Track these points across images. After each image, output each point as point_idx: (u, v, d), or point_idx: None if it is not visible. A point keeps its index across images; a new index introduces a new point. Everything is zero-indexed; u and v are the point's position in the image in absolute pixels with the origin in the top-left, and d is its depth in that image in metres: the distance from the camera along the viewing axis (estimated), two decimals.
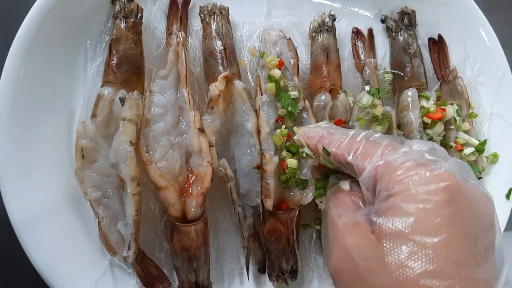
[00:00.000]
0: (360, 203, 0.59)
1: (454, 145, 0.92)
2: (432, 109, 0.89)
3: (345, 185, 0.63)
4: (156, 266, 0.84)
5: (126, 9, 0.83)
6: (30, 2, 0.79)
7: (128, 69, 0.80)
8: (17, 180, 0.77)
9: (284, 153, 0.81)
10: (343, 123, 0.88)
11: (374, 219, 0.52)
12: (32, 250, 0.76)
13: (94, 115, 0.78)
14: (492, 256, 0.49)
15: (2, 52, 0.78)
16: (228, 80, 0.83)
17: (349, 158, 0.58)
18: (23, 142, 0.78)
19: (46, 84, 0.82)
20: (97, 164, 0.78)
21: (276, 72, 0.83)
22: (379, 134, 0.61)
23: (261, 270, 0.90)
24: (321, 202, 0.70)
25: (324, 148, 0.62)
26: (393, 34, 0.99)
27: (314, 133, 0.67)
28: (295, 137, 0.72)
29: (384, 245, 0.48)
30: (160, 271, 0.85)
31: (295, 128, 0.78)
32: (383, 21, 1.00)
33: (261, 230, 0.87)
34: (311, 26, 0.95)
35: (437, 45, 1.01)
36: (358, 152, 0.58)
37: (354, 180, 0.62)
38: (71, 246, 0.80)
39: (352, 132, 0.62)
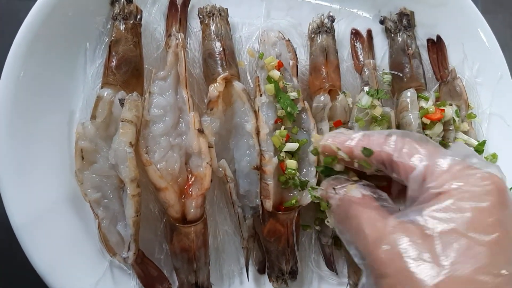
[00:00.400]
0: (383, 206, 0.57)
1: None
2: (431, 109, 0.89)
3: (356, 192, 0.60)
4: (156, 267, 0.84)
5: (126, 10, 0.83)
6: (30, 3, 0.79)
7: (127, 70, 0.80)
8: (17, 181, 0.77)
9: (283, 154, 0.81)
10: (342, 124, 0.88)
11: (419, 217, 0.50)
12: (32, 251, 0.76)
13: (93, 117, 0.78)
14: None
15: (1, 53, 0.78)
16: (228, 81, 0.83)
17: (395, 156, 0.57)
18: (23, 143, 0.79)
19: (45, 86, 0.82)
20: (97, 165, 0.78)
21: (276, 73, 0.84)
22: (417, 134, 0.60)
23: (261, 271, 0.90)
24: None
25: (365, 149, 0.61)
26: (392, 35, 0.99)
27: (346, 136, 0.64)
28: (321, 142, 0.67)
29: (436, 241, 0.47)
30: (160, 272, 0.85)
31: (315, 135, 0.74)
32: (382, 22, 1.01)
33: (261, 231, 0.87)
34: (310, 27, 0.95)
35: (436, 46, 1.01)
36: (404, 151, 0.56)
37: (362, 184, 0.61)
38: (71, 247, 0.80)
39: (388, 131, 0.60)
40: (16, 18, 0.82)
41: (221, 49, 0.86)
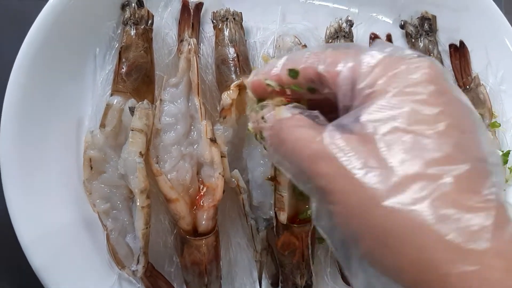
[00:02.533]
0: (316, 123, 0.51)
1: None
2: None
3: (285, 112, 0.54)
4: (166, 280, 0.82)
5: (137, 15, 0.81)
6: (42, 3, 0.78)
7: (138, 77, 0.78)
8: (23, 191, 0.76)
9: None
10: None
11: (355, 124, 0.45)
12: (38, 263, 0.74)
13: (102, 125, 0.76)
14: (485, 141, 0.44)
15: (10, 58, 0.77)
16: (241, 89, 0.80)
17: (320, 67, 0.52)
18: (30, 151, 0.77)
19: (53, 92, 0.80)
20: (106, 175, 0.77)
21: None
22: (344, 43, 0.56)
23: (274, 285, 0.88)
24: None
25: (290, 70, 0.55)
26: (413, 40, 0.96)
27: (271, 65, 0.58)
28: (248, 80, 0.61)
29: (379, 144, 0.42)
30: (170, 286, 0.83)
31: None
32: (402, 26, 0.98)
33: (275, 243, 0.84)
34: (328, 32, 0.92)
35: (459, 51, 0.97)
36: (328, 60, 0.51)
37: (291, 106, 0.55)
38: (79, 259, 0.79)
39: (314, 47, 0.57)
40: (27, 21, 0.80)
41: (235, 55, 0.83)
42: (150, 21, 0.83)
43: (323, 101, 0.55)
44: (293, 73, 0.55)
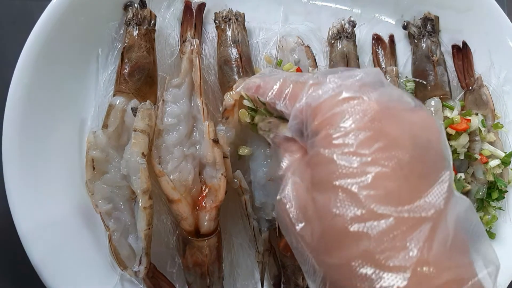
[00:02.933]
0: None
1: (479, 157, 0.88)
2: (456, 119, 0.85)
3: (286, 132, 0.57)
4: (168, 281, 0.82)
5: (139, 15, 0.81)
6: (45, 3, 0.78)
7: (140, 78, 0.78)
8: (26, 191, 0.75)
9: None
10: None
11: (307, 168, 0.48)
12: (41, 264, 0.74)
13: (105, 125, 0.75)
14: (437, 187, 0.42)
15: (13, 58, 0.76)
16: None
17: (278, 105, 0.54)
18: (32, 152, 0.77)
19: (56, 93, 0.80)
20: (108, 175, 0.76)
21: None
22: (317, 70, 0.57)
23: (276, 286, 0.87)
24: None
25: (259, 98, 0.59)
26: (416, 41, 0.95)
27: (252, 83, 0.63)
28: (237, 89, 0.69)
29: (314, 195, 0.45)
30: (172, 287, 0.82)
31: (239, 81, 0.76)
32: (405, 27, 0.97)
33: (277, 244, 0.83)
34: (330, 32, 0.92)
35: (462, 52, 0.97)
36: (287, 97, 0.54)
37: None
38: (81, 260, 0.78)
39: (284, 76, 0.57)
40: (30, 18, 0.80)
41: (238, 55, 0.83)
42: (152, 22, 0.82)
43: None
44: (261, 102, 0.60)
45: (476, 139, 0.89)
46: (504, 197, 0.90)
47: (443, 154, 0.45)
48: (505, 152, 0.90)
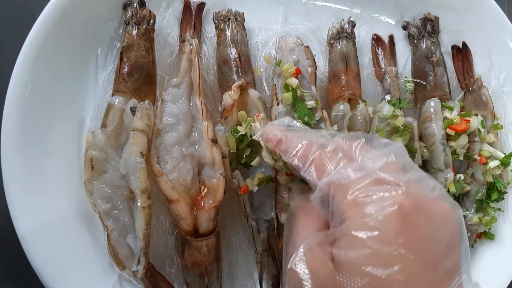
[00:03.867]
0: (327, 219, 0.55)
1: (478, 158, 0.88)
2: (456, 120, 0.85)
3: (304, 196, 0.58)
4: (166, 281, 0.82)
5: (138, 15, 0.81)
6: (44, 3, 0.78)
7: (139, 77, 0.78)
8: (24, 191, 0.75)
9: None
10: None
11: (332, 247, 0.48)
12: (39, 264, 0.74)
13: (104, 125, 0.75)
14: (455, 279, 0.46)
15: (13, 58, 0.76)
16: (243, 89, 0.81)
17: (303, 172, 0.54)
18: (31, 151, 0.77)
19: (55, 92, 0.80)
20: (107, 175, 0.76)
21: (293, 81, 0.80)
22: (339, 137, 0.56)
23: (274, 286, 0.87)
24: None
25: (281, 155, 0.59)
26: (415, 41, 0.95)
27: (273, 135, 0.62)
28: (254, 137, 0.68)
29: (338, 277, 0.45)
30: (171, 287, 0.82)
31: (256, 124, 0.75)
32: (404, 27, 0.97)
33: (276, 245, 0.84)
34: (330, 32, 0.91)
35: (461, 53, 0.97)
36: (313, 166, 0.54)
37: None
38: (80, 260, 0.78)
39: (309, 138, 0.57)
40: (29, 17, 0.80)
41: (237, 55, 0.83)
42: (152, 21, 0.82)
43: None
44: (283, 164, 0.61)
45: (475, 140, 0.89)
46: (504, 198, 0.90)
47: (459, 253, 0.48)
48: (505, 153, 0.90)
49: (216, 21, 0.88)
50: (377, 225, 0.45)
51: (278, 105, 0.81)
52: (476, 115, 0.91)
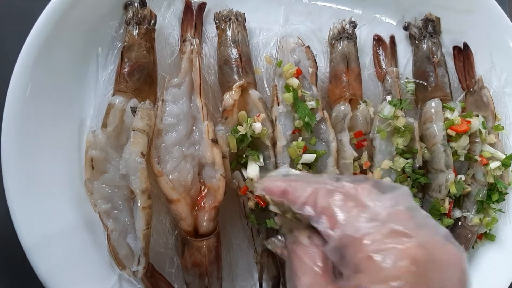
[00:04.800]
0: (321, 264, 0.55)
1: (479, 159, 0.88)
2: (457, 121, 0.85)
3: (304, 239, 0.57)
4: (167, 281, 0.82)
5: (139, 15, 0.81)
6: (45, 3, 0.78)
7: (140, 77, 0.77)
8: (25, 191, 0.75)
9: (300, 166, 0.78)
10: (363, 135, 0.85)
11: None
12: (39, 263, 0.74)
13: (104, 125, 0.75)
14: None
15: (14, 58, 0.76)
16: (244, 90, 0.81)
17: (314, 222, 0.54)
18: (32, 151, 0.77)
19: (56, 92, 0.80)
20: (107, 175, 0.76)
21: (294, 81, 0.80)
22: (345, 181, 0.57)
23: (274, 286, 0.87)
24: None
25: (287, 204, 0.59)
26: (416, 42, 0.95)
27: (276, 187, 0.61)
28: (256, 193, 0.67)
29: None
30: (171, 287, 0.82)
31: (252, 181, 0.76)
32: (406, 28, 0.97)
33: None
34: (331, 33, 0.91)
35: (463, 53, 0.97)
36: (324, 215, 0.53)
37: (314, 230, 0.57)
38: (79, 259, 0.79)
39: (315, 186, 0.57)
40: (30, 17, 0.79)
41: (238, 55, 0.83)
42: (152, 21, 0.82)
43: None
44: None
45: (476, 140, 0.89)
46: (504, 199, 0.90)
47: None
48: (506, 154, 0.90)
49: (217, 21, 0.88)
50: (392, 279, 0.45)
51: (278, 105, 0.81)
52: (477, 116, 0.91)
